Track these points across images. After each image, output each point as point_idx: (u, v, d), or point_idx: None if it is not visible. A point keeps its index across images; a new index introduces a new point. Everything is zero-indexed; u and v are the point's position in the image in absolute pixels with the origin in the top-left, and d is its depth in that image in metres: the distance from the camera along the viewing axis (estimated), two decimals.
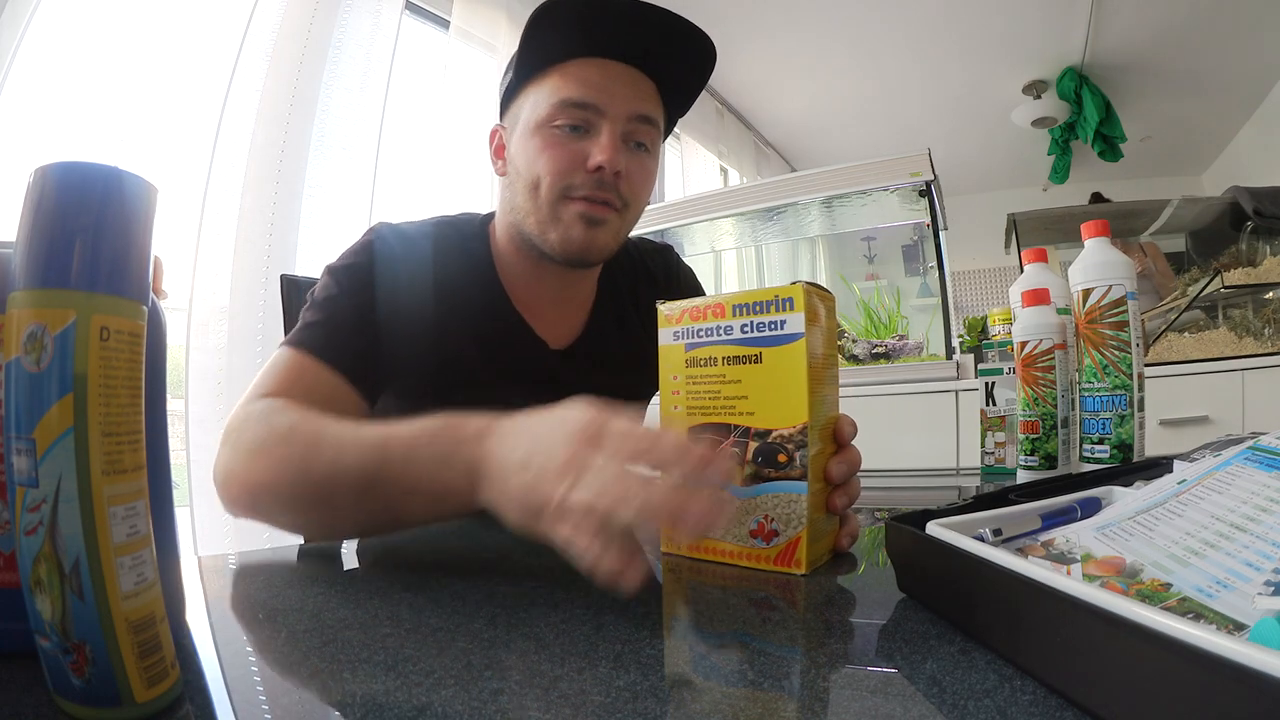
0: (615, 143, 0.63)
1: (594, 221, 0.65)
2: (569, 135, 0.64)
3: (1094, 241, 0.72)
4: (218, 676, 0.29)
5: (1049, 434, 0.74)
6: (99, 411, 0.23)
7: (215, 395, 1.42)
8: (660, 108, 0.68)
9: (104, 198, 0.23)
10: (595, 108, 0.63)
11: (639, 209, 0.69)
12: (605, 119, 0.64)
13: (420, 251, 0.68)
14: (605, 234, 0.66)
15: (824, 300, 0.45)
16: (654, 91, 0.67)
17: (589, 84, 0.63)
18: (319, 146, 1.61)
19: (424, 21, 2.03)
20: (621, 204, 0.66)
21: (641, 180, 0.67)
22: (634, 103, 0.65)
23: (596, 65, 0.64)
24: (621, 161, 0.63)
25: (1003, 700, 0.24)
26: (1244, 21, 2.62)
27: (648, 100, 0.66)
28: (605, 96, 0.63)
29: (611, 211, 0.65)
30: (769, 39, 2.88)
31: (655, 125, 0.67)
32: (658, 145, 0.69)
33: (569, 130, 0.64)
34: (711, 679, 0.28)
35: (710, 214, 2.25)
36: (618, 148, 0.64)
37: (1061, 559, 0.32)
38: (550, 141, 0.64)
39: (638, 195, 0.68)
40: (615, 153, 0.63)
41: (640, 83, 0.66)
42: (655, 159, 0.69)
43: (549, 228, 0.65)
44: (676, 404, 0.48)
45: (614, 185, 0.64)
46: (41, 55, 1.22)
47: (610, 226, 0.66)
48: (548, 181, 0.64)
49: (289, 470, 0.47)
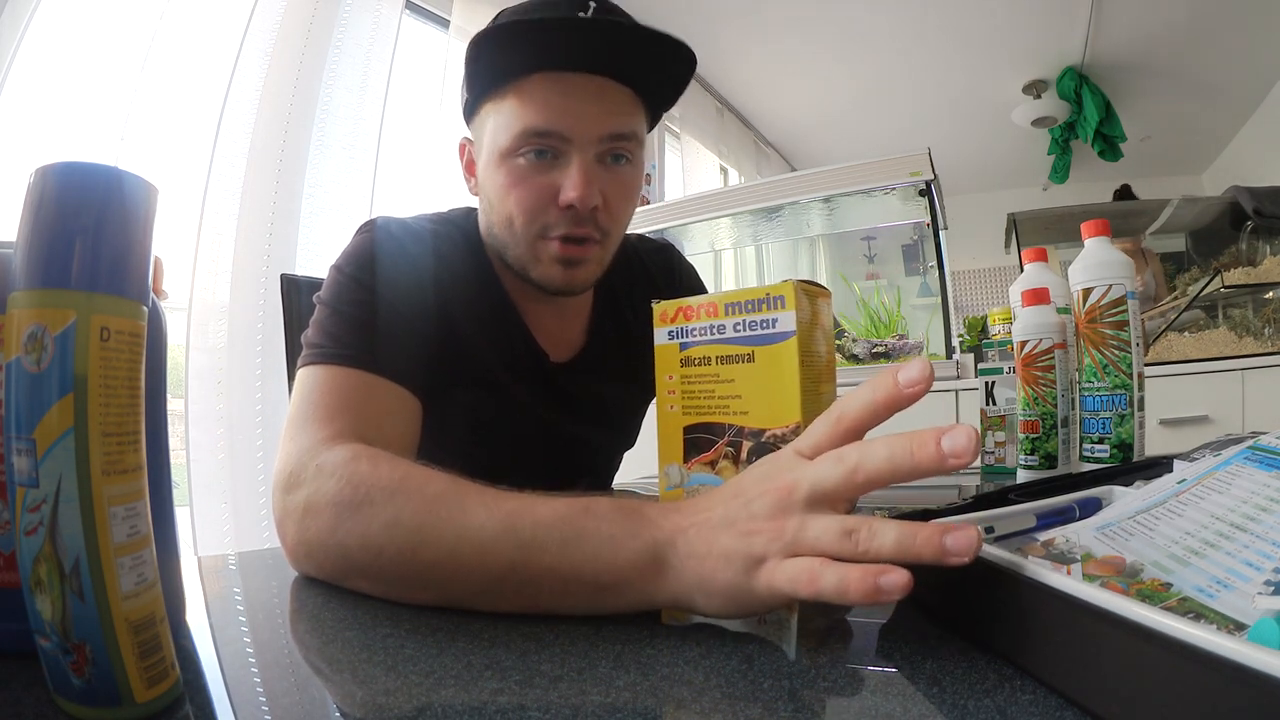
0: (585, 175, 0.57)
1: (572, 263, 0.61)
2: (535, 165, 0.58)
3: (1094, 241, 0.72)
4: (218, 676, 0.29)
5: (1049, 433, 0.74)
6: (99, 412, 0.23)
7: (215, 395, 1.43)
8: (638, 114, 0.62)
9: (104, 198, 0.23)
10: (559, 135, 0.57)
11: (622, 227, 0.65)
12: (573, 146, 0.58)
13: (429, 248, 0.65)
14: (586, 270, 0.62)
15: (819, 297, 0.45)
16: (628, 99, 0.60)
17: (551, 108, 0.57)
18: (319, 146, 1.61)
19: (424, 21, 2.03)
20: (601, 234, 0.61)
21: (622, 200, 0.63)
22: (603, 123, 0.58)
23: (556, 83, 0.57)
24: (595, 194, 0.58)
25: (1003, 700, 0.24)
26: (1244, 22, 2.62)
27: (619, 115, 0.59)
28: (570, 121, 0.57)
29: (593, 246, 0.61)
30: (769, 39, 2.88)
31: (632, 138, 0.61)
32: (639, 152, 0.64)
33: (535, 157, 0.58)
34: (712, 679, 0.28)
35: (710, 214, 2.25)
36: (589, 180, 0.58)
37: (1061, 559, 0.32)
38: (516, 177, 0.59)
39: (618, 218, 0.63)
40: (587, 188, 0.57)
41: (609, 95, 0.59)
42: (638, 167, 0.64)
43: (529, 266, 0.62)
44: (672, 404, 0.47)
45: (591, 219, 0.59)
46: (41, 55, 1.22)
47: (592, 260, 0.62)
48: (520, 221, 0.60)
49: (393, 550, 0.39)
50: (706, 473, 0.45)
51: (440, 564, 0.37)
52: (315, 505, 0.42)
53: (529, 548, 0.35)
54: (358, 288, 0.58)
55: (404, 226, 0.65)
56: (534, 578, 0.35)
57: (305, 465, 0.45)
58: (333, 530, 0.41)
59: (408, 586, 0.39)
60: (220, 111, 1.47)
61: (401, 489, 0.40)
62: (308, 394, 0.52)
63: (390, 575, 0.39)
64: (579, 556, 0.34)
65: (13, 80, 1.18)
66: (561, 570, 0.34)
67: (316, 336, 0.56)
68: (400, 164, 1.82)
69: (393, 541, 0.39)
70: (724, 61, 3.11)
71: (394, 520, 0.39)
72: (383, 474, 0.42)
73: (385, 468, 0.42)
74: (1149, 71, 3.00)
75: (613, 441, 0.81)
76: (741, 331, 0.44)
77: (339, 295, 0.58)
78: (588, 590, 0.34)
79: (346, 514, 0.41)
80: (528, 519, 0.36)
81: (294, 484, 0.45)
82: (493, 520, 0.36)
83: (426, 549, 0.38)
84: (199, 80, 1.48)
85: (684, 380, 0.47)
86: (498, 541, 0.36)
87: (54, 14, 1.24)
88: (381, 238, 0.62)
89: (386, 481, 0.41)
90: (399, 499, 0.40)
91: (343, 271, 0.60)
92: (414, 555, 0.38)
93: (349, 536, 0.40)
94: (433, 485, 0.40)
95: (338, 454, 0.44)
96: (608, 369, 0.73)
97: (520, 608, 0.36)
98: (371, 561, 0.40)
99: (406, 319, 0.59)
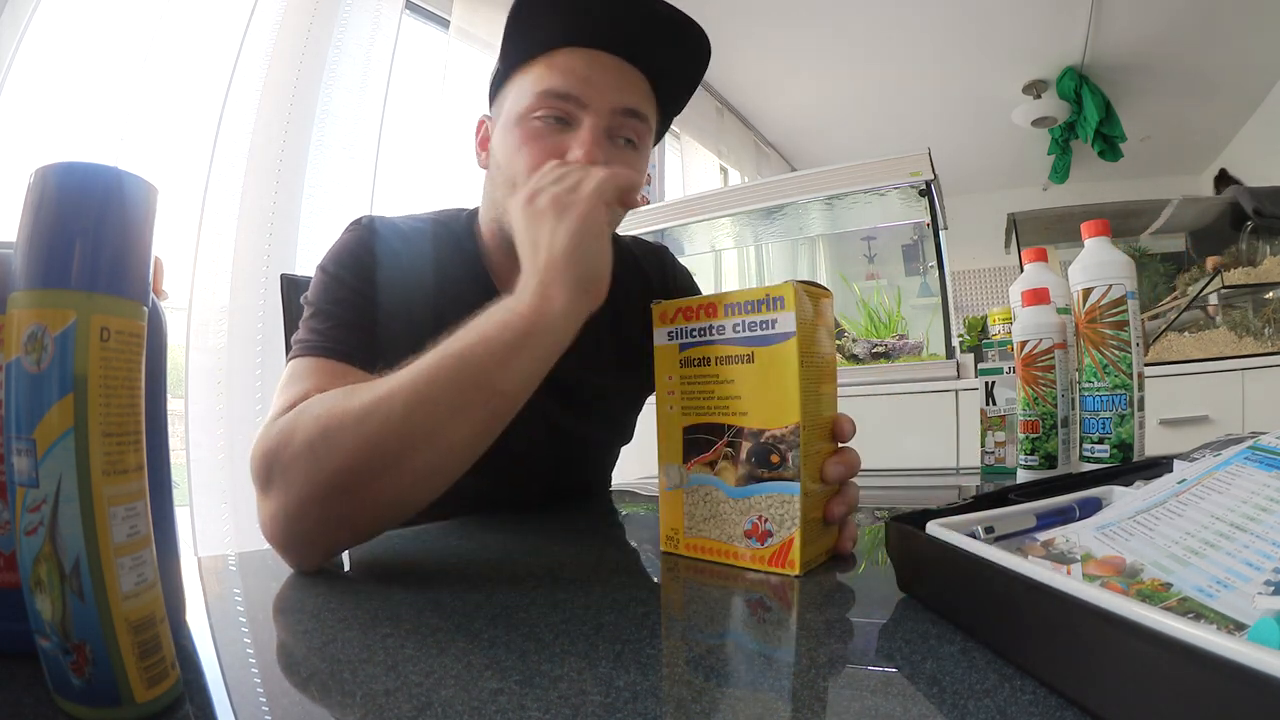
0: (596, 137, 0.60)
1: None
2: (550, 128, 0.61)
3: (1094, 241, 0.72)
4: (218, 676, 0.29)
5: (1049, 433, 0.74)
6: (99, 412, 0.23)
7: (215, 395, 1.43)
8: (651, 103, 0.65)
9: (104, 198, 0.23)
10: (577, 99, 0.60)
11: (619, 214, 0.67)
12: (587, 112, 0.60)
13: (416, 246, 0.66)
14: None
15: (819, 297, 0.45)
16: (644, 85, 0.64)
17: (572, 74, 0.60)
18: (319, 146, 1.61)
19: (424, 21, 2.03)
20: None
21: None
22: (619, 95, 0.61)
23: (582, 55, 0.61)
24: (601, 158, 0.60)
25: (1003, 700, 0.24)
26: (1244, 21, 2.62)
27: (635, 93, 0.63)
28: (588, 88, 0.60)
29: None
30: (769, 38, 2.88)
31: (644, 120, 0.64)
32: (647, 142, 0.66)
33: (551, 122, 0.61)
34: (712, 679, 0.28)
35: (710, 214, 2.25)
36: (599, 143, 0.60)
37: (1062, 559, 0.32)
38: (529, 135, 0.61)
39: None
40: (595, 147, 0.59)
41: (628, 75, 0.63)
42: (643, 157, 0.66)
43: None
44: (672, 404, 0.48)
45: None
46: (41, 55, 1.22)
47: None
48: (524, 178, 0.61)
49: (372, 434, 0.43)
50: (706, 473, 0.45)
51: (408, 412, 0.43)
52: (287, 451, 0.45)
53: (449, 352, 0.44)
54: (339, 284, 0.60)
55: (389, 224, 0.66)
56: (485, 374, 0.44)
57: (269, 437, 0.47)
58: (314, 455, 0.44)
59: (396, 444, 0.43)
60: (220, 111, 1.47)
61: (348, 393, 0.46)
62: (286, 384, 0.55)
63: (375, 447, 0.43)
64: (489, 329, 0.45)
65: (13, 80, 1.18)
66: (482, 349, 0.44)
67: (301, 333, 0.58)
68: (400, 164, 1.82)
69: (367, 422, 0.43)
70: (724, 61, 3.11)
71: (352, 403, 0.44)
72: (323, 398, 0.47)
73: (313, 404, 0.47)
74: (1149, 71, 3.00)
75: (608, 437, 0.81)
76: (741, 332, 0.44)
77: (322, 293, 0.60)
78: (509, 348, 0.44)
79: (318, 437, 0.44)
80: (435, 350, 0.45)
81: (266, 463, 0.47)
82: (429, 361, 0.44)
83: (390, 405, 0.43)
84: (199, 80, 1.48)
85: (684, 381, 0.47)
86: (442, 368, 0.44)
87: (54, 14, 1.24)
88: (366, 235, 0.63)
89: (328, 397, 0.46)
90: (347, 396, 0.45)
91: (326, 271, 0.61)
92: (388, 424, 0.43)
93: (327, 450, 0.44)
94: (355, 391, 0.46)
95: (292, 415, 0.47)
96: (602, 363, 0.73)
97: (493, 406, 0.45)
98: (352, 456, 0.43)
99: (390, 314, 0.60)
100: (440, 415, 0.44)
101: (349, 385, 0.47)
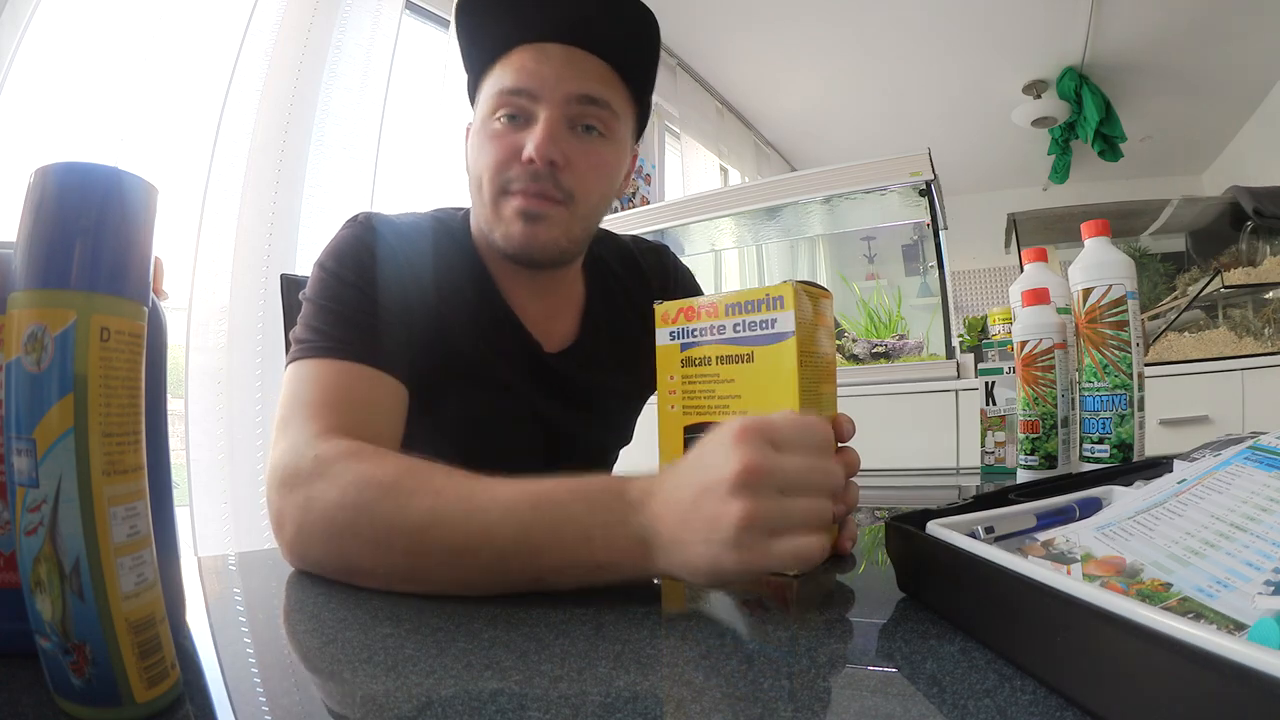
0: (549, 131, 0.59)
1: (531, 217, 0.61)
2: (507, 127, 0.61)
3: (1094, 241, 0.72)
4: (218, 676, 0.29)
5: (1049, 433, 0.74)
6: (99, 412, 0.23)
7: (215, 395, 1.43)
8: (614, 87, 0.63)
9: (104, 198, 0.23)
10: (529, 93, 0.60)
11: (591, 200, 0.64)
12: (540, 104, 0.60)
13: (415, 243, 0.65)
14: (549, 230, 0.61)
15: (819, 297, 0.45)
16: (602, 70, 0.62)
17: (523, 70, 0.60)
18: (319, 146, 1.61)
19: (424, 21, 2.03)
20: (564, 195, 0.61)
21: (589, 166, 0.62)
22: (571, 83, 0.60)
23: (531, 50, 0.61)
24: (555, 151, 0.59)
25: (1003, 700, 0.24)
26: (1244, 21, 2.62)
27: (590, 79, 0.61)
28: (537, 81, 0.60)
29: (551, 204, 0.61)
30: (769, 38, 2.88)
31: (604, 106, 0.62)
32: (615, 128, 0.64)
33: (507, 120, 0.61)
34: (712, 679, 0.28)
35: (710, 214, 2.25)
36: (551, 137, 0.59)
37: (1062, 559, 0.32)
38: (489, 136, 0.62)
39: (586, 185, 0.62)
40: (546, 142, 0.59)
41: (582, 62, 0.61)
42: (613, 144, 0.64)
43: (494, 226, 0.63)
44: (673, 403, 0.48)
45: (550, 176, 0.60)
46: (41, 55, 1.22)
47: (554, 221, 0.61)
48: (487, 177, 0.62)
49: (396, 542, 0.40)
50: None
51: (443, 554, 0.39)
52: (319, 504, 0.43)
53: (530, 531, 0.37)
54: (339, 282, 0.59)
55: (387, 221, 0.65)
56: (529, 561, 0.37)
57: (302, 461, 0.45)
58: (339, 530, 0.42)
59: (410, 576, 0.40)
60: (220, 111, 1.47)
61: (403, 484, 0.41)
62: (296, 389, 0.53)
63: (395, 567, 0.40)
64: (573, 539, 0.37)
65: (13, 80, 1.18)
66: (555, 555, 0.37)
67: (302, 332, 0.57)
68: (400, 164, 1.82)
69: (397, 535, 0.40)
70: (724, 62, 3.11)
71: (399, 515, 0.40)
72: (385, 471, 0.42)
73: (387, 464, 0.43)
74: (1149, 71, 3.00)
75: (609, 437, 0.81)
76: (741, 332, 0.44)
77: (322, 291, 0.59)
78: (584, 570, 0.37)
79: (351, 513, 0.41)
80: (538, 503, 0.38)
81: (293, 481, 0.45)
82: (499, 501, 0.39)
83: (429, 540, 0.39)
84: (199, 80, 1.48)
85: (685, 380, 0.47)
86: (500, 524, 0.38)
87: (54, 14, 1.24)
88: (365, 232, 0.63)
89: (388, 478, 0.42)
90: (401, 495, 0.41)
91: (325, 267, 0.61)
92: (417, 545, 0.39)
93: (355, 535, 0.41)
94: (433, 478, 0.41)
95: (334, 451, 0.45)
96: (602, 361, 0.73)
97: (522, 589, 0.38)
98: (376, 556, 0.41)
99: (390, 310, 0.59)
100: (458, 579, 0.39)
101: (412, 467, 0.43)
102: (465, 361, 0.65)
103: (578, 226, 0.64)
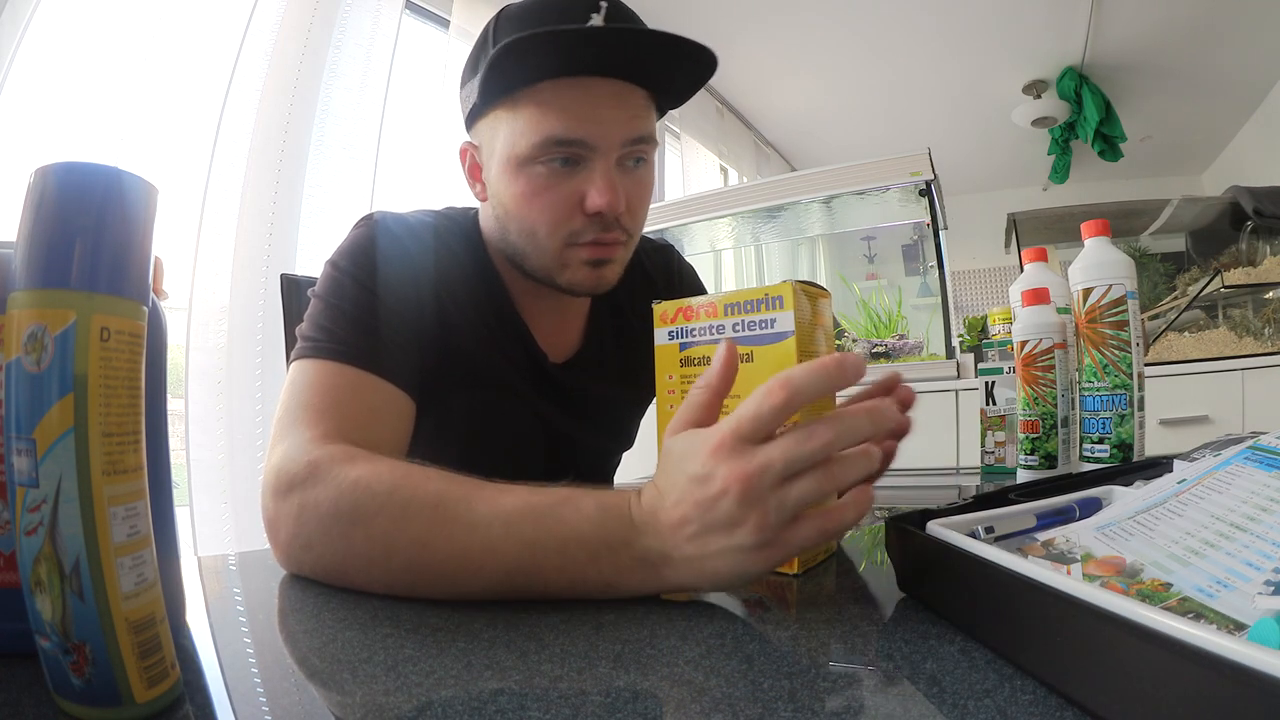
0: (611, 181, 0.57)
1: (602, 263, 0.61)
2: (557, 173, 0.57)
3: (1094, 241, 0.72)
4: (218, 676, 0.29)
5: (1049, 433, 0.74)
6: (99, 412, 0.23)
7: (215, 395, 1.43)
8: (652, 114, 0.62)
9: (104, 198, 0.23)
10: (583, 143, 0.56)
11: (642, 226, 0.65)
12: (596, 154, 0.57)
13: (427, 244, 0.65)
14: (613, 269, 0.63)
15: (818, 297, 0.45)
16: (644, 101, 0.60)
17: (574, 116, 0.56)
18: (319, 146, 1.61)
19: (424, 21, 2.03)
20: (627, 236, 0.62)
21: (640, 199, 0.63)
22: (626, 128, 0.58)
23: (576, 88, 0.56)
24: (621, 199, 0.58)
25: (1003, 700, 0.24)
26: (1244, 21, 2.62)
27: (640, 118, 0.59)
28: (593, 128, 0.56)
29: (618, 247, 0.62)
30: (769, 39, 2.88)
31: (650, 140, 0.61)
32: (654, 151, 0.64)
33: (559, 165, 0.57)
34: (711, 679, 0.28)
35: (710, 214, 2.25)
36: (614, 186, 0.57)
37: (1062, 559, 0.32)
38: (538, 186, 0.58)
39: (639, 217, 0.63)
40: (614, 194, 0.57)
41: (630, 99, 0.58)
42: (652, 167, 0.64)
43: (554, 273, 0.61)
44: (672, 404, 0.48)
45: (617, 223, 0.59)
46: (41, 55, 1.22)
47: (618, 260, 0.63)
48: (545, 230, 0.59)
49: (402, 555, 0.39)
50: None
51: (445, 568, 0.38)
52: (313, 511, 0.42)
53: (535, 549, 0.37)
54: (354, 284, 0.58)
55: (402, 222, 0.64)
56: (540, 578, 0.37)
57: (297, 466, 0.44)
58: (334, 538, 0.41)
59: (410, 589, 0.40)
60: (220, 111, 1.47)
61: (400, 493, 0.40)
62: (299, 390, 0.52)
63: (394, 580, 0.40)
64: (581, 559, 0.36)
65: (13, 80, 1.18)
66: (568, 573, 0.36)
67: (310, 330, 0.56)
68: (400, 164, 1.81)
69: (397, 548, 0.39)
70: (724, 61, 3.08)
71: (397, 527, 0.39)
72: (381, 478, 0.41)
73: (383, 470, 0.42)
74: (1149, 71, 3.00)
75: (611, 443, 0.81)
76: (740, 332, 0.44)
77: (334, 290, 0.58)
78: (593, 587, 0.37)
79: (346, 522, 0.41)
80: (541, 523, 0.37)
81: (287, 486, 0.44)
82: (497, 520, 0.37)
83: (430, 554, 0.38)
84: (199, 80, 1.48)
85: (684, 380, 0.47)
86: (504, 541, 0.37)
87: (54, 14, 1.24)
88: (380, 233, 0.61)
89: (385, 486, 0.41)
90: (398, 505, 0.40)
91: (339, 267, 0.59)
92: (418, 560, 0.39)
93: (351, 545, 0.41)
94: (431, 485, 0.40)
95: (328, 455, 0.44)
96: (606, 369, 0.73)
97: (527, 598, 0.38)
98: (374, 568, 0.40)
99: (403, 317, 0.58)
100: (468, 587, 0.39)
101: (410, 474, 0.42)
102: (470, 362, 0.64)
103: (630, 253, 0.65)
